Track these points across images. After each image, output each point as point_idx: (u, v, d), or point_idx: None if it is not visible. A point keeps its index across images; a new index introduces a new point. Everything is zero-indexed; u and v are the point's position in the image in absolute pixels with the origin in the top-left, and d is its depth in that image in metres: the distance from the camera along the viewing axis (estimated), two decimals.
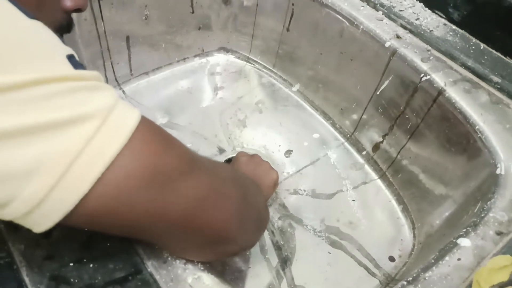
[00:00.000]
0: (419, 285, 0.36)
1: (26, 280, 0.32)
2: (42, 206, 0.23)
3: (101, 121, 0.24)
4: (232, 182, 0.36)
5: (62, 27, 0.38)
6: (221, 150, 0.73)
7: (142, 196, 0.27)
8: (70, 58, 0.26)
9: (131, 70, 0.78)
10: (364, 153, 0.72)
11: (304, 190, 0.68)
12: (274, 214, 0.64)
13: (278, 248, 0.60)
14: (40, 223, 0.25)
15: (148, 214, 0.28)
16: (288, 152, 0.74)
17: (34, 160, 0.22)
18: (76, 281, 0.32)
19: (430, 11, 0.64)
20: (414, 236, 0.62)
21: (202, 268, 0.36)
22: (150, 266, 0.35)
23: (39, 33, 0.25)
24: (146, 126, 0.27)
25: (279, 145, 0.74)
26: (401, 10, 0.64)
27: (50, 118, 0.23)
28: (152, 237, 0.33)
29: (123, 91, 0.78)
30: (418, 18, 0.63)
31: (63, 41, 0.27)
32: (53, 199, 0.23)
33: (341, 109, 0.75)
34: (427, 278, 0.37)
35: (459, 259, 0.38)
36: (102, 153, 0.24)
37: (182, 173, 0.29)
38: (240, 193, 0.36)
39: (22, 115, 0.22)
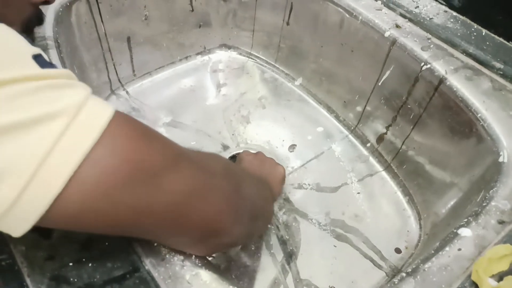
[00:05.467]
0: (418, 277, 0.36)
1: (28, 280, 0.33)
2: (14, 209, 0.23)
3: (70, 118, 0.24)
4: (223, 173, 0.36)
5: (32, 21, 0.37)
6: (225, 147, 0.73)
7: (124, 193, 0.26)
8: (37, 57, 0.25)
9: (133, 71, 0.79)
10: (368, 145, 0.72)
11: (309, 184, 0.68)
12: (279, 209, 0.64)
13: (283, 242, 0.60)
14: (16, 227, 0.24)
15: (132, 211, 0.27)
16: (292, 147, 0.73)
17: (1, 163, 0.22)
18: (76, 280, 0.33)
19: None
20: (421, 227, 0.62)
21: (200, 264, 0.36)
22: (148, 264, 0.35)
23: (1, 35, 0.25)
24: (121, 121, 0.26)
25: (283, 140, 0.74)
26: None
27: (15, 118, 0.22)
28: (142, 234, 0.32)
29: (127, 92, 0.78)
30: (418, 6, 0.62)
31: (33, 37, 0.27)
32: (25, 201, 0.23)
33: (344, 101, 0.74)
34: (426, 269, 0.37)
35: (459, 249, 0.38)
36: (73, 151, 0.24)
37: (165, 168, 0.28)
38: (231, 185, 0.36)
39: None
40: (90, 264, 0.34)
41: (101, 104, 0.26)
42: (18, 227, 0.24)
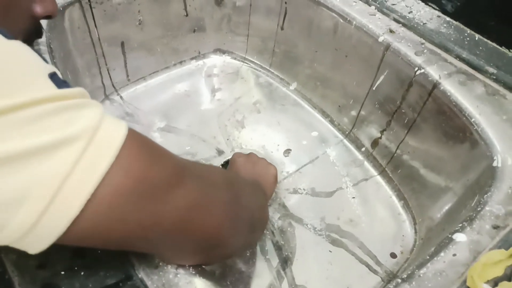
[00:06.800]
0: (414, 283, 0.36)
1: None
2: (34, 231, 0.23)
3: (87, 141, 0.24)
4: (223, 186, 0.36)
5: (31, 34, 0.37)
6: (220, 152, 0.73)
7: (134, 211, 0.27)
8: (53, 76, 0.25)
9: (127, 76, 0.78)
10: (363, 149, 0.72)
11: (304, 189, 0.68)
12: (274, 214, 0.64)
13: (278, 248, 0.60)
14: (34, 246, 0.25)
15: (140, 227, 0.28)
16: (287, 151, 0.73)
17: (22, 187, 0.22)
18: None
19: (423, 4, 0.64)
20: (416, 232, 0.62)
21: (193, 272, 0.36)
22: (141, 272, 0.35)
23: (19, 54, 0.25)
24: (133, 140, 0.27)
25: (278, 145, 0.74)
26: (393, 4, 0.64)
27: (36, 143, 0.22)
28: (146, 248, 0.33)
29: (121, 97, 0.78)
30: (411, 11, 0.63)
31: (41, 55, 0.27)
32: (45, 223, 0.23)
33: (339, 106, 0.74)
34: (421, 275, 0.37)
35: (454, 255, 0.38)
36: (90, 174, 0.24)
37: (171, 184, 0.29)
38: (231, 197, 0.36)
39: (7, 141, 0.22)
40: (82, 273, 0.33)
41: (114, 123, 0.26)
42: (36, 247, 0.25)
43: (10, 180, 0.22)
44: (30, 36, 0.37)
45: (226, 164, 0.71)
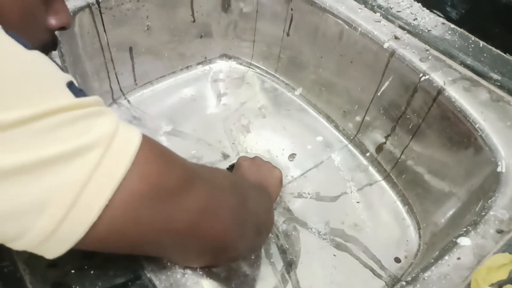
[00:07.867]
0: (418, 285, 0.36)
1: (30, 287, 0.33)
2: (53, 237, 0.24)
3: (104, 148, 0.25)
4: (231, 189, 0.37)
5: (48, 45, 0.38)
6: (225, 156, 0.74)
7: (148, 214, 0.27)
8: (70, 85, 0.26)
9: (135, 80, 0.79)
10: (367, 154, 0.72)
11: (309, 193, 0.69)
12: (278, 217, 0.65)
13: (283, 251, 0.61)
14: (52, 251, 0.25)
15: (153, 230, 0.28)
16: (292, 156, 0.74)
17: (42, 195, 0.23)
18: (78, 287, 0.33)
19: (428, 11, 0.64)
20: (420, 237, 0.62)
21: (201, 273, 0.36)
22: (150, 272, 0.35)
23: (38, 64, 0.25)
24: (147, 146, 0.27)
25: (283, 149, 0.75)
26: (398, 11, 0.64)
27: (54, 151, 0.23)
28: (155, 252, 0.33)
29: (128, 101, 0.79)
30: (416, 18, 0.63)
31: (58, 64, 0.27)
32: (64, 230, 0.24)
33: (344, 111, 0.75)
34: (426, 278, 0.37)
35: (458, 258, 0.38)
36: (108, 180, 0.25)
37: (183, 189, 0.29)
38: (239, 200, 0.37)
39: (27, 151, 0.22)
40: (92, 272, 0.34)
41: (129, 130, 0.27)
42: (54, 252, 0.26)
43: (30, 188, 0.22)
44: (46, 48, 0.38)
45: (231, 168, 0.71)
